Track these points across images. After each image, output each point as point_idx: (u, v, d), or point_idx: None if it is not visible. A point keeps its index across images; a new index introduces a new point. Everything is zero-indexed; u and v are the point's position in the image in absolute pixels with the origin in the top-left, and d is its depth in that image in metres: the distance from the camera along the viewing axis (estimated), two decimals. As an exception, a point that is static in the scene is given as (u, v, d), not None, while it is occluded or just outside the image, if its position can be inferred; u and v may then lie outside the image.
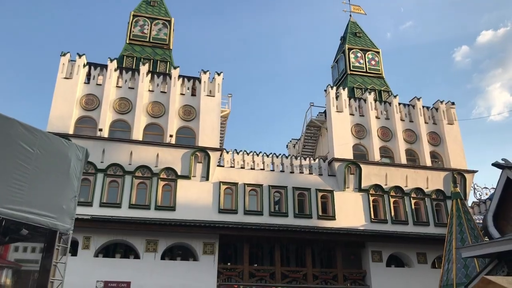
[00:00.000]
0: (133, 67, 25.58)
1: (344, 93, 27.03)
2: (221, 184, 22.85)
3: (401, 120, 27.38)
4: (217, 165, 23.24)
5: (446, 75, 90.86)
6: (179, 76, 24.92)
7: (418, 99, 28.14)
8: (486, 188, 27.63)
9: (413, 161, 26.55)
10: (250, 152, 24.40)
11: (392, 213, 24.59)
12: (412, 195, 25.30)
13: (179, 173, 22.40)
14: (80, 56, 23.92)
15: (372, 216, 24.16)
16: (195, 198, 22.12)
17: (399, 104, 27.90)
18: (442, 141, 27.35)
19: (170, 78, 24.71)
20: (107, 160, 21.78)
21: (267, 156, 24.55)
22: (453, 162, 26.49)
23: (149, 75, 24.65)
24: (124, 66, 25.56)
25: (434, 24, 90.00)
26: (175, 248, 21.31)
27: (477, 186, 27.68)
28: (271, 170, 24.20)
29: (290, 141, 33.30)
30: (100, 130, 22.33)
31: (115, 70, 24.31)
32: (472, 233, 15.81)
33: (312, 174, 24.57)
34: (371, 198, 24.66)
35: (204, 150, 22.85)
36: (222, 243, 21.51)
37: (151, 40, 27.69)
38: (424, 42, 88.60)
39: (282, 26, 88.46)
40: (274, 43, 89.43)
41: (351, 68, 30.79)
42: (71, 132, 21.91)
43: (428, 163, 26.28)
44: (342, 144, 25.33)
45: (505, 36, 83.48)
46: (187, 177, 22.42)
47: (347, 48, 31.46)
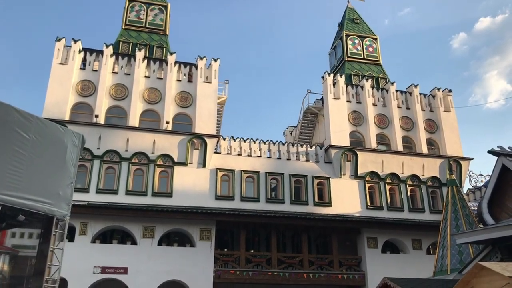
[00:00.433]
0: (129, 53, 25.39)
1: (341, 80, 26.98)
2: (218, 171, 22.89)
3: (398, 107, 27.38)
4: (214, 152, 23.25)
5: (444, 62, 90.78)
6: (176, 62, 24.77)
7: (415, 86, 28.12)
8: (482, 175, 27.93)
9: (410, 148, 26.63)
10: (247, 139, 24.40)
11: (388, 200, 24.74)
12: (408, 182, 25.43)
13: (176, 160, 22.41)
14: (76, 42, 23.69)
15: (368, 203, 24.32)
16: (192, 185, 22.17)
17: (396, 91, 27.88)
18: (439, 129, 27.41)
19: (167, 64, 24.55)
20: (104, 147, 21.75)
21: (264, 143, 24.56)
22: (449, 150, 26.59)
23: (145, 61, 24.48)
24: (120, 52, 25.36)
25: (432, 11, 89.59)
26: (172, 234, 21.41)
27: (473, 173, 27.99)
28: (268, 157, 24.24)
29: (287, 128, 33.29)
30: (96, 117, 22.25)
31: (111, 56, 24.12)
32: (467, 220, 15.95)
33: (309, 161, 24.63)
34: (367, 185, 24.79)
35: (201, 137, 22.83)
36: (219, 229, 21.63)
37: (147, 26, 27.44)
38: (422, 29, 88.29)
39: (280, 12, 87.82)
40: (272, 29, 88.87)
41: (349, 55, 30.67)
42: (67, 118, 21.82)
43: (424, 150, 26.37)
44: (339, 131, 25.37)
45: (503, 23, 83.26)
46: (184, 164, 22.44)
47: (345, 35, 31.29)
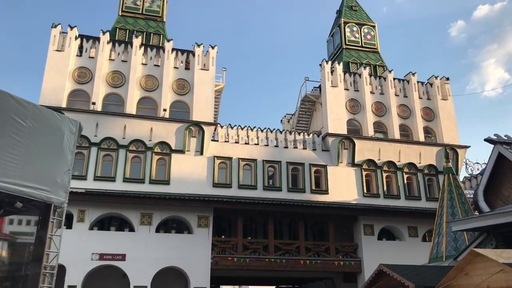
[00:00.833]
0: (126, 40, 25.21)
1: (339, 68, 26.91)
2: (216, 159, 22.92)
3: (396, 95, 27.37)
4: (212, 140, 23.25)
5: (442, 50, 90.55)
6: (173, 49, 24.61)
7: (413, 74, 28.07)
8: (478, 164, 27.99)
9: (407, 136, 26.69)
10: (245, 127, 24.39)
11: (385, 188, 24.87)
12: (405, 170, 25.54)
13: (173, 148, 22.41)
14: (72, 28, 23.48)
15: (365, 191, 24.44)
16: (190, 172, 22.21)
17: (394, 79, 27.84)
18: (436, 117, 27.44)
19: (164, 51, 24.40)
20: (101, 134, 21.71)
21: (262, 131, 24.56)
22: (446, 138, 26.66)
23: (142, 48, 24.32)
24: (117, 39, 25.18)
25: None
26: (170, 221, 21.51)
27: (469, 161, 28.04)
28: (265, 145, 24.26)
29: (285, 116, 33.26)
30: (93, 104, 22.17)
31: (108, 43, 23.95)
32: (463, 208, 16.08)
33: (306, 149, 24.67)
34: (364, 173, 24.89)
35: (198, 125, 22.80)
36: (216, 216, 21.74)
37: (144, 12, 27.21)
38: (420, 17, 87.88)
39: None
40: (270, 16, 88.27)
41: (347, 43, 30.54)
42: (64, 106, 21.74)
43: (421, 138, 26.44)
44: (336, 119, 25.37)
45: (502, 11, 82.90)
46: (181, 152, 22.45)
47: (343, 22, 31.11)
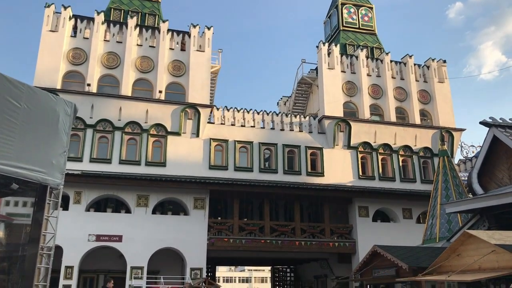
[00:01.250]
0: (121, 21, 24.88)
1: (336, 50, 26.74)
2: (212, 141, 22.92)
3: (392, 78, 27.30)
4: (208, 122, 23.21)
5: (439, 33, 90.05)
6: (168, 30, 24.34)
7: (410, 57, 27.95)
8: (473, 146, 28.16)
9: (403, 119, 26.73)
10: (241, 109, 24.33)
11: (380, 170, 25.01)
12: (400, 153, 25.64)
13: (169, 130, 22.37)
14: (66, 8, 23.10)
15: (360, 173, 24.58)
16: (186, 155, 22.22)
17: (391, 62, 27.72)
18: (432, 99, 27.44)
19: (159, 32, 24.13)
20: (96, 116, 21.61)
21: (258, 113, 24.52)
22: (442, 120, 26.71)
23: (137, 29, 24.04)
24: (112, 20, 24.84)
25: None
26: (166, 203, 21.61)
27: (464, 144, 28.20)
28: (262, 128, 24.24)
29: (281, 99, 33.17)
30: (88, 85, 22.00)
31: (102, 24, 23.64)
32: (457, 190, 16.25)
33: (302, 132, 24.69)
34: (360, 155, 24.99)
35: (194, 107, 22.72)
36: (213, 198, 21.85)
37: (139, -8, 26.80)
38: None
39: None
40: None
41: (344, 24, 30.27)
42: (59, 87, 21.56)
43: (417, 121, 26.49)
44: (333, 102, 25.33)
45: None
46: (177, 134, 22.42)
47: (340, 3, 30.75)
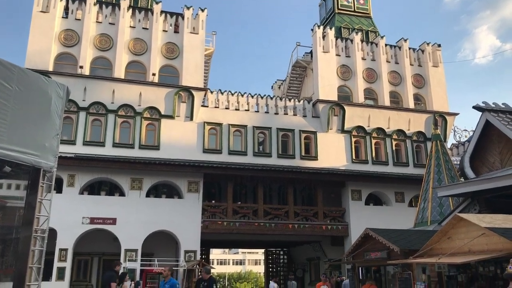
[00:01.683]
0: (113, 2, 24.44)
1: (331, 33, 26.58)
2: (206, 125, 22.86)
3: (387, 62, 27.23)
4: (201, 105, 23.11)
5: (434, 16, 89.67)
6: (161, 12, 24.02)
7: (405, 41, 27.85)
8: (466, 131, 28.30)
9: (397, 103, 26.76)
10: (235, 93, 24.22)
11: (373, 154, 25.14)
12: (394, 137, 25.76)
13: (163, 113, 22.26)
14: (57, -12, 22.71)
15: (354, 157, 24.69)
16: (180, 138, 22.17)
17: (386, 45, 27.62)
18: (426, 84, 27.46)
19: (152, 14, 23.82)
20: (89, 99, 21.44)
21: (252, 97, 24.43)
22: (436, 105, 26.79)
23: (130, 10, 23.71)
24: (104, 1, 24.43)
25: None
26: (160, 186, 21.64)
27: (458, 129, 28.35)
28: (256, 111, 24.18)
29: (276, 82, 33.03)
30: (81, 68, 21.76)
31: (95, 5, 23.27)
32: (449, 174, 16.39)
33: (296, 116, 24.67)
34: (353, 139, 25.07)
35: (188, 90, 22.59)
36: (207, 182, 21.89)
37: (132, -27, 26.31)
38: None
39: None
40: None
41: (339, 7, 30.03)
42: (51, 69, 21.32)
43: (411, 105, 26.54)
44: (327, 85, 25.29)
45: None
46: (171, 117, 22.32)
47: (336, -14, 30.47)
